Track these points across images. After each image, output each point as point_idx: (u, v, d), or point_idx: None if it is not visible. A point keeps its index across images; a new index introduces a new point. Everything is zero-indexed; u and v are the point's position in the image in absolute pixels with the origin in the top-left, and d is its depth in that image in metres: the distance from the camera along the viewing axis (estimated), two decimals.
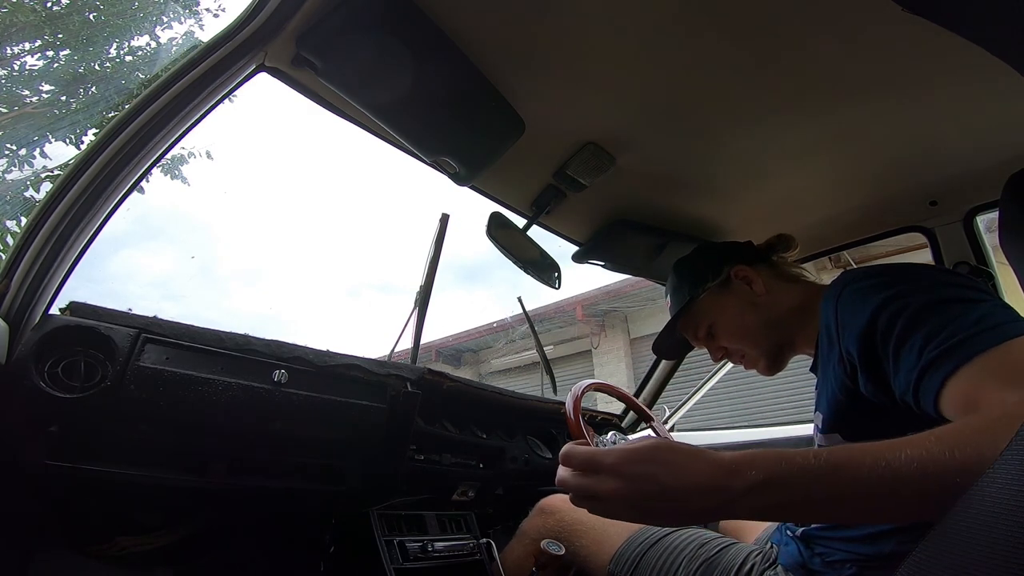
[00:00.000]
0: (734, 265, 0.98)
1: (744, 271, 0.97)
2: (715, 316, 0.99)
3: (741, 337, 0.97)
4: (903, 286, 0.65)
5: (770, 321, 0.94)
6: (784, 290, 0.95)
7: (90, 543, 0.99)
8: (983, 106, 0.97)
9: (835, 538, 0.77)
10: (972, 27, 0.40)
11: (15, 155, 4.10)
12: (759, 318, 0.94)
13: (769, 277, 0.97)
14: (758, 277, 0.96)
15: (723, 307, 0.98)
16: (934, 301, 0.60)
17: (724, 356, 1.03)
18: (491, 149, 1.04)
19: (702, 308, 1.01)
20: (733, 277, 0.98)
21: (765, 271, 0.98)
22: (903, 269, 0.70)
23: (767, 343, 0.95)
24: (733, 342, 0.98)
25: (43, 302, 0.79)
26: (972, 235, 1.28)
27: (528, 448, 1.46)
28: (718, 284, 0.99)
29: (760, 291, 0.95)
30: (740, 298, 0.96)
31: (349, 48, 0.81)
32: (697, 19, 0.80)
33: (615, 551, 0.97)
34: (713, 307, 1.00)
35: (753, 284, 0.96)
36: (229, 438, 0.95)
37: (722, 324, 0.99)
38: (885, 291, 0.65)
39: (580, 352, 7.60)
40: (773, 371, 0.98)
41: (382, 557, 1.05)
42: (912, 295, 0.63)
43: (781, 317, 0.93)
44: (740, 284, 0.97)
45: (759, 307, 0.95)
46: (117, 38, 4.57)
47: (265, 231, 73.95)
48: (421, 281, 1.45)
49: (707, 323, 1.01)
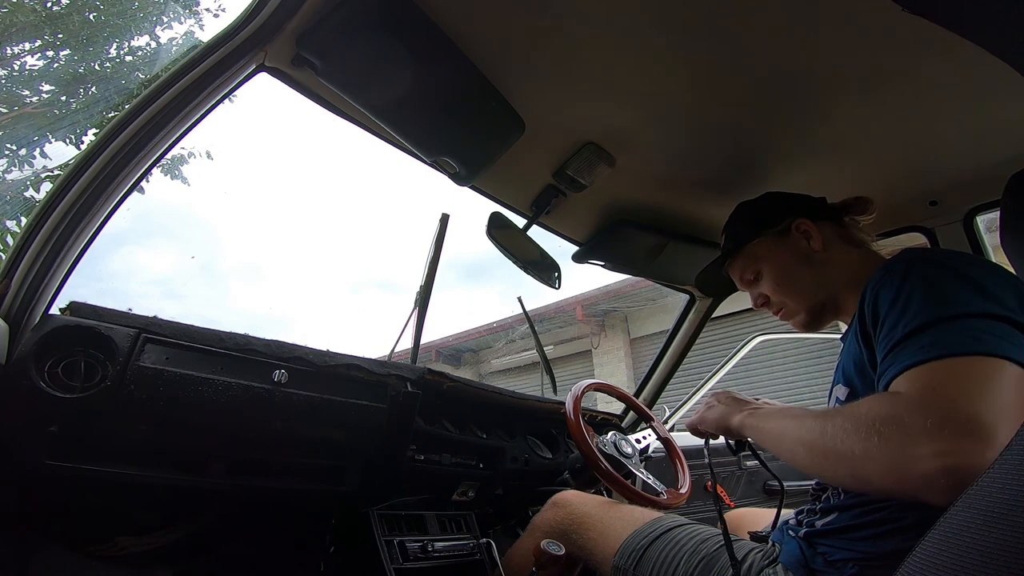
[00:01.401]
0: (797, 217, 0.97)
1: (806, 224, 0.96)
2: (766, 263, 0.99)
3: (786, 289, 0.97)
4: (929, 292, 0.64)
5: (820, 279, 0.93)
6: (843, 252, 0.94)
7: (90, 543, 0.99)
8: (983, 106, 0.98)
9: (837, 537, 0.77)
10: (972, 27, 0.40)
11: (15, 155, 4.10)
12: (810, 274, 0.94)
13: (832, 236, 0.96)
14: (819, 234, 0.95)
15: (776, 256, 0.98)
16: (941, 318, 0.61)
17: (764, 304, 1.02)
18: (491, 149, 1.04)
19: (755, 252, 1.01)
20: (794, 229, 0.97)
21: (830, 229, 0.97)
22: (944, 273, 0.67)
23: (811, 300, 0.95)
24: (778, 292, 0.98)
25: (43, 302, 0.79)
26: (972, 235, 1.28)
27: (528, 448, 1.46)
28: (776, 232, 0.98)
29: (817, 248, 0.94)
30: (796, 251, 0.96)
31: (349, 48, 0.81)
32: (697, 20, 0.80)
33: (621, 543, 0.98)
34: (767, 254, 0.99)
35: (812, 240, 0.95)
36: (229, 438, 0.95)
37: (771, 272, 0.98)
38: (919, 289, 0.65)
39: (580, 352, 7.61)
40: (810, 329, 0.98)
41: (382, 557, 1.05)
42: (925, 305, 0.63)
43: (832, 278, 0.93)
44: (799, 237, 0.96)
45: (813, 263, 0.94)
46: (117, 38, 4.58)
47: (267, 230, 74.08)
48: (421, 281, 1.45)
49: (756, 268, 1.01)
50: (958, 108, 0.98)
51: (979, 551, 0.34)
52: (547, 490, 1.32)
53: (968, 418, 0.51)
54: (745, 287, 1.06)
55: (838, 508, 0.79)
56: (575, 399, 1.29)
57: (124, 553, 1.01)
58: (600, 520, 1.06)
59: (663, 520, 0.99)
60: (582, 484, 1.50)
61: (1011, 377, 0.55)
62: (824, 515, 0.81)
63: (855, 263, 0.92)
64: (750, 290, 1.04)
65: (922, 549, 0.40)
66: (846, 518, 0.76)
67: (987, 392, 0.53)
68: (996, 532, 0.33)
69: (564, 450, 1.55)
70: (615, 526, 1.03)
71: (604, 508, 1.09)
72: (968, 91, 0.93)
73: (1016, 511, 0.33)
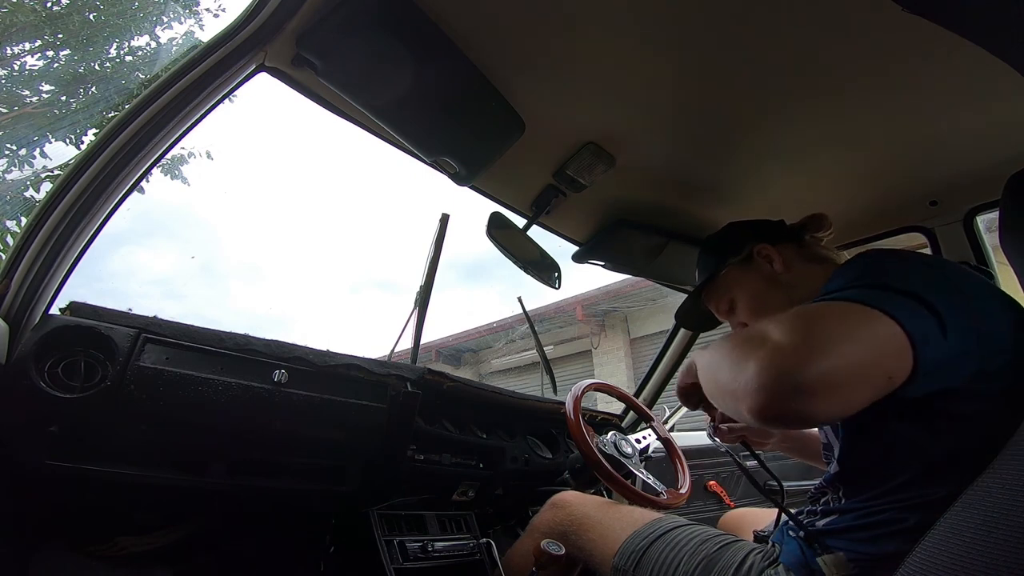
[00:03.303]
0: (757, 243, 0.99)
1: (766, 249, 0.98)
2: (736, 291, 1.02)
3: (759, 312, 0.98)
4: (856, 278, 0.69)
5: (789, 300, 0.94)
6: (807, 270, 0.96)
7: (90, 543, 0.99)
8: (983, 106, 0.97)
9: (838, 537, 0.77)
10: (972, 27, 0.40)
11: (15, 155, 4.10)
12: (778, 295, 0.95)
13: (794, 257, 0.98)
14: (779, 255, 0.97)
15: (744, 283, 1.00)
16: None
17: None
18: (491, 149, 1.04)
19: (724, 282, 1.03)
20: (756, 254, 0.99)
21: (791, 250, 0.99)
22: (876, 262, 0.73)
23: None
24: (752, 317, 0.99)
25: (43, 302, 0.79)
26: (972, 235, 1.28)
27: (528, 448, 1.46)
28: (740, 260, 1.01)
29: (780, 269, 0.96)
30: (761, 275, 0.98)
31: (349, 48, 0.81)
32: (697, 19, 0.80)
33: (621, 544, 0.98)
34: (735, 282, 1.02)
35: (774, 262, 0.97)
36: (229, 438, 0.95)
37: (742, 299, 1.00)
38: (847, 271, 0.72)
39: (580, 352, 7.61)
40: None
41: (382, 557, 1.05)
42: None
43: (800, 296, 0.93)
44: (762, 262, 0.98)
45: (779, 285, 0.96)
46: (117, 38, 4.58)
47: (267, 230, 74.07)
48: (421, 281, 1.45)
49: (729, 297, 1.03)
50: (958, 108, 0.98)
51: (979, 551, 0.34)
52: (547, 490, 1.32)
53: (803, 338, 0.56)
54: (723, 317, 1.08)
55: (838, 511, 0.79)
56: (575, 399, 1.29)
57: (124, 553, 1.01)
58: (599, 521, 1.06)
59: (663, 521, 0.99)
60: (582, 484, 1.50)
61: (871, 322, 0.58)
62: (825, 515, 0.81)
63: (819, 278, 0.92)
64: (729, 320, 1.07)
65: (922, 549, 0.40)
66: (847, 519, 0.76)
67: (835, 326, 0.57)
68: (996, 532, 0.33)
69: (564, 450, 1.55)
70: (614, 527, 1.03)
71: (603, 509, 1.09)
72: (968, 91, 0.93)
73: (1016, 511, 0.33)
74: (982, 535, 0.35)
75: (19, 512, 0.90)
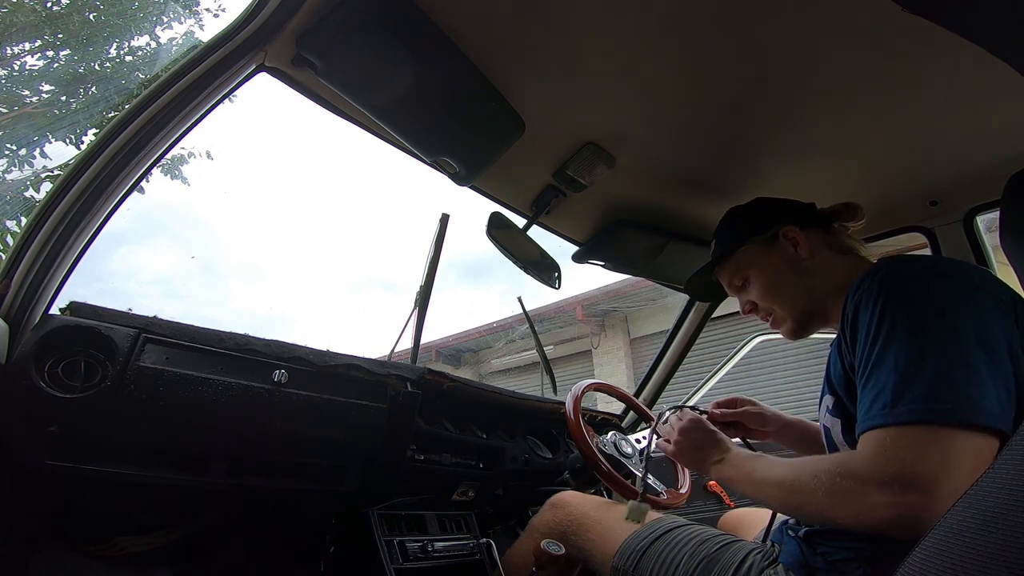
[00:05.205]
0: (785, 224, 0.96)
1: (793, 231, 0.95)
2: (754, 269, 0.99)
3: (773, 296, 0.96)
4: (902, 311, 0.68)
5: (807, 287, 0.93)
6: (831, 259, 0.94)
7: (90, 543, 0.99)
8: (983, 106, 0.97)
9: (837, 537, 0.77)
10: (972, 27, 0.40)
11: (15, 155, 4.10)
12: (797, 281, 0.94)
13: (820, 243, 0.95)
14: (806, 241, 0.94)
15: (764, 263, 0.98)
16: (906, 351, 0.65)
17: (752, 311, 1.02)
18: (491, 149, 1.04)
19: (743, 259, 1.00)
20: (781, 236, 0.96)
21: (817, 236, 0.96)
22: (916, 285, 0.71)
23: (798, 308, 0.95)
24: (765, 299, 0.98)
25: (43, 302, 0.79)
26: (972, 235, 1.28)
27: (528, 448, 1.46)
28: (764, 239, 0.98)
29: (804, 255, 0.94)
30: (782, 258, 0.95)
31: (349, 48, 0.81)
32: (697, 19, 0.80)
33: (620, 544, 0.98)
34: (754, 261, 0.99)
35: (799, 247, 0.94)
36: (229, 438, 0.95)
37: (758, 279, 0.98)
38: (885, 306, 0.69)
39: (580, 352, 7.61)
40: (797, 336, 0.98)
41: (382, 557, 1.05)
42: (898, 329, 0.67)
43: (819, 285, 0.92)
44: (786, 244, 0.95)
45: (800, 271, 0.94)
46: (117, 38, 4.58)
47: (267, 230, 74.07)
48: (421, 281, 1.45)
49: (744, 274, 1.00)
50: (958, 108, 0.98)
51: (979, 551, 0.34)
52: (547, 490, 1.32)
53: (915, 476, 0.60)
54: (734, 293, 1.06)
55: None
56: (575, 399, 1.29)
57: (124, 553, 1.01)
58: (599, 521, 1.06)
59: (662, 521, 0.99)
60: (582, 484, 1.50)
61: (958, 439, 0.60)
62: None
63: (842, 270, 0.91)
64: (738, 296, 1.04)
65: (922, 549, 0.40)
66: None
67: (933, 454, 0.60)
68: (996, 532, 0.33)
69: (564, 450, 1.55)
70: (614, 527, 1.02)
71: (603, 509, 1.09)
72: (968, 91, 0.93)
73: (1016, 511, 0.33)
74: (982, 534, 0.35)
75: (19, 512, 0.90)
